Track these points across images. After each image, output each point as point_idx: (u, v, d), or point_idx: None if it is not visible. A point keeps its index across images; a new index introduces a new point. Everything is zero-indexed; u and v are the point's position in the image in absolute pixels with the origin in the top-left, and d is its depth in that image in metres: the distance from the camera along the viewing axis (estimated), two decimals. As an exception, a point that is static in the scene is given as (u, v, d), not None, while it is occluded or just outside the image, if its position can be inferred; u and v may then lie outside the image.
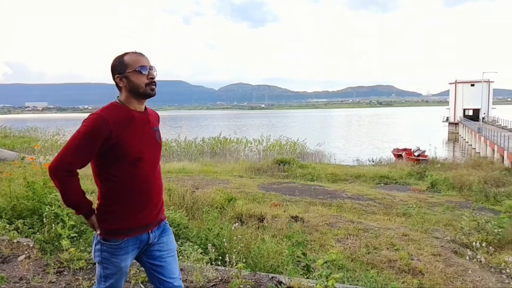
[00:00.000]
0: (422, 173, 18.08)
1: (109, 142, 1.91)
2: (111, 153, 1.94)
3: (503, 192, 13.44)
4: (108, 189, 2.00)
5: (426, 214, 9.73)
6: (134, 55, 2.03)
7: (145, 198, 2.03)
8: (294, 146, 28.23)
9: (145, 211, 2.04)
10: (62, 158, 1.90)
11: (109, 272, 2.04)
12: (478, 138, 33.60)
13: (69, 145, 1.91)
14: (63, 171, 1.89)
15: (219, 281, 2.99)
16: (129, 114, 2.00)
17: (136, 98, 2.04)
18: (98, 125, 1.89)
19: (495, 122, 47.12)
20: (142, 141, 2.01)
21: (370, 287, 3.45)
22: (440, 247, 6.74)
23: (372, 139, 47.42)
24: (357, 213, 9.81)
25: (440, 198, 12.67)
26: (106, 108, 2.00)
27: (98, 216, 2.01)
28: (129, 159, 1.96)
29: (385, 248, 6.42)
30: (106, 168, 1.98)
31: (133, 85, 2.00)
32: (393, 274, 5.28)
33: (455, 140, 47.77)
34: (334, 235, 7.05)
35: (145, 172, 2.02)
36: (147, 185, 2.03)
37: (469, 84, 55.89)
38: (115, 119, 1.93)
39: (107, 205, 2.00)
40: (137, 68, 1.99)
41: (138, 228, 2.04)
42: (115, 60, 2.05)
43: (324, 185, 14.64)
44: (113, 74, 2.04)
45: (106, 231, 2.00)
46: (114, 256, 2.01)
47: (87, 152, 1.91)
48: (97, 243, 2.04)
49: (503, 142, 23.48)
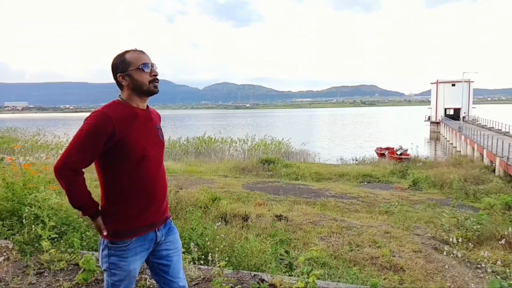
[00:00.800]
0: (404, 172, 18.36)
1: (113, 139, 1.87)
2: (115, 151, 1.90)
3: (482, 190, 13.76)
4: (113, 188, 1.96)
5: (408, 212, 9.90)
6: (136, 53, 2.01)
7: (151, 196, 2.00)
8: (279, 146, 28.32)
9: (151, 210, 2.01)
10: (67, 157, 1.87)
11: (117, 279, 1.97)
12: (458, 137, 34.29)
13: (73, 144, 1.88)
14: (68, 170, 1.86)
15: (202, 280, 2.99)
16: (132, 111, 1.98)
17: (139, 96, 2.02)
18: (100, 122, 1.86)
19: (475, 121, 48.16)
20: (146, 138, 1.99)
21: (351, 283, 3.50)
22: (421, 243, 6.88)
23: (356, 139, 47.94)
24: (340, 211, 9.92)
25: (422, 196, 12.89)
26: (108, 105, 1.97)
27: (104, 217, 1.96)
28: (134, 157, 1.93)
29: (367, 245, 6.52)
30: (111, 167, 1.94)
31: (137, 83, 1.98)
32: (375, 271, 5.37)
33: (436, 139, 48.62)
34: (317, 233, 7.12)
35: (150, 170, 1.99)
36: (153, 183, 2.00)
37: (450, 84, 56.95)
38: (118, 116, 1.90)
39: (112, 205, 1.97)
40: (140, 66, 1.98)
41: (145, 227, 2.00)
42: (116, 58, 2.02)
43: (309, 184, 14.74)
44: (115, 73, 2.01)
45: (113, 233, 1.95)
46: (123, 259, 1.96)
47: (91, 150, 1.87)
48: (104, 249, 1.99)
49: (482, 140, 24.01)
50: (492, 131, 33.40)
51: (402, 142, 31.03)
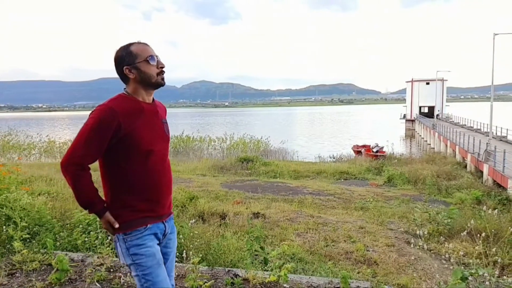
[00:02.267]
0: (379, 169, 18.74)
1: (119, 133, 1.85)
2: (121, 146, 1.88)
3: (454, 185, 14.21)
4: (118, 183, 1.93)
5: (382, 208, 10.13)
6: (141, 45, 1.98)
7: (157, 191, 1.99)
8: (258, 144, 28.43)
9: (157, 204, 2.00)
10: (72, 152, 1.84)
11: (145, 268, 1.91)
12: (432, 134, 35.20)
13: (78, 139, 1.85)
14: (74, 166, 1.83)
15: (176, 277, 3.02)
16: (138, 105, 1.95)
17: (146, 89, 1.99)
18: (106, 116, 1.83)
19: (449, 118, 49.55)
20: (151, 133, 1.97)
21: (323, 276, 3.59)
22: (394, 238, 7.07)
23: (334, 136, 48.56)
24: (317, 208, 10.07)
25: (396, 192, 13.21)
26: (113, 99, 1.93)
27: (112, 211, 1.93)
28: (140, 152, 1.91)
29: (342, 240, 6.66)
30: (116, 161, 1.91)
31: (145, 75, 1.95)
32: (349, 265, 5.49)
33: (411, 136, 49.74)
34: (294, 229, 7.22)
35: (156, 165, 1.97)
36: (158, 178, 1.99)
37: (424, 82, 58.29)
38: (124, 110, 1.87)
39: (118, 199, 1.94)
40: (147, 58, 1.95)
41: (154, 218, 1.99)
42: (121, 51, 1.96)
43: (287, 182, 14.88)
44: (120, 65, 1.95)
45: (125, 224, 1.92)
46: (142, 246, 1.92)
47: (97, 145, 1.84)
48: (121, 244, 1.94)
49: (455, 138, 24.75)
50: (464, 128, 34.43)
51: (378, 139, 31.66)
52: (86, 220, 4.43)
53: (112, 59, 1.98)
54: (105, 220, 1.92)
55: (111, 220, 1.92)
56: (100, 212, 1.92)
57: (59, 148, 26.69)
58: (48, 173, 11.81)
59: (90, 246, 3.96)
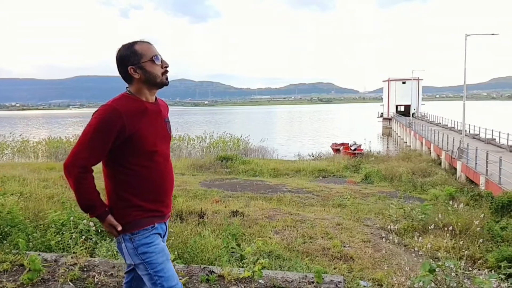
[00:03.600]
0: (357, 166, 19.05)
1: (123, 134, 1.81)
2: (126, 146, 1.85)
3: (428, 182, 14.59)
4: (123, 183, 1.90)
5: (359, 204, 10.31)
6: (145, 44, 1.94)
7: (161, 191, 1.97)
8: (238, 143, 28.42)
9: (161, 204, 1.98)
10: (76, 154, 1.80)
11: (156, 263, 1.90)
12: (408, 132, 35.98)
13: (81, 140, 1.81)
14: (78, 168, 1.79)
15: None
16: (142, 105, 1.91)
17: (150, 88, 1.95)
18: (109, 117, 1.79)
19: (424, 117, 50.69)
20: (155, 133, 1.94)
21: (298, 271, 3.64)
22: (370, 234, 7.21)
23: (313, 135, 49.05)
24: (296, 205, 10.16)
25: (373, 189, 13.46)
26: (117, 99, 1.90)
27: (116, 213, 1.89)
28: (144, 152, 1.88)
29: (320, 237, 6.75)
30: (121, 162, 1.88)
31: (150, 75, 1.91)
32: (326, 261, 5.57)
33: (388, 134, 50.71)
34: (272, 227, 7.27)
35: (160, 165, 1.95)
36: (163, 178, 1.97)
37: (400, 81, 59.44)
38: (128, 110, 1.84)
39: (124, 199, 1.90)
40: (153, 58, 1.91)
41: (158, 217, 1.97)
42: (125, 50, 1.92)
43: (266, 180, 14.95)
44: (124, 65, 1.91)
45: (132, 224, 1.89)
46: (151, 244, 1.90)
47: (101, 147, 1.81)
48: (127, 244, 1.91)
49: (430, 135, 25.36)
50: (439, 126, 35.33)
51: (356, 137, 32.15)
52: (60, 220, 4.36)
53: (115, 58, 1.94)
54: (107, 223, 1.89)
55: (113, 223, 1.88)
56: (102, 215, 1.87)
57: (33, 148, 26.04)
58: (21, 173, 11.52)
59: (64, 247, 3.90)
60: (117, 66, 1.93)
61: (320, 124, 72.87)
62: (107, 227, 1.91)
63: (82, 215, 4.29)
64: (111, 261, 3.33)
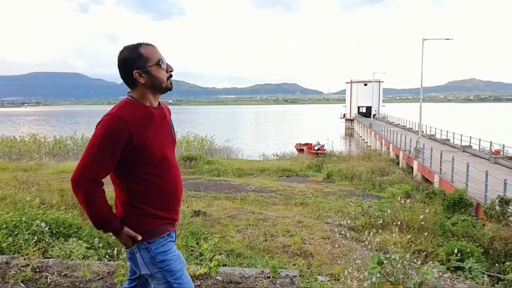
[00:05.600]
0: (320, 166, 19.48)
1: (131, 144, 1.73)
2: (134, 156, 1.77)
3: (386, 181, 15.14)
4: (135, 193, 1.82)
5: (321, 203, 10.55)
6: (150, 47, 1.85)
7: (172, 199, 1.91)
8: (202, 143, 28.26)
9: (172, 210, 1.93)
10: (84, 167, 1.70)
11: (175, 270, 1.85)
12: (369, 133, 37.12)
13: (88, 153, 1.71)
14: (86, 182, 1.69)
15: (107, 274, 2.98)
16: (148, 111, 1.83)
17: (154, 93, 1.87)
18: (116, 126, 1.71)
19: (385, 118, 52.43)
20: (163, 139, 1.88)
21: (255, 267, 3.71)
22: (330, 231, 7.40)
23: (278, 135, 49.55)
24: (259, 204, 10.26)
25: (334, 188, 13.81)
26: (121, 106, 1.80)
27: (130, 222, 1.80)
28: (154, 160, 1.81)
29: (281, 235, 6.86)
30: (131, 172, 1.80)
31: (156, 80, 1.83)
32: (286, 258, 5.68)
33: (351, 135, 52.06)
34: (235, 226, 7.31)
35: (170, 172, 1.89)
36: (173, 186, 1.91)
37: (362, 83, 61.20)
38: (133, 118, 1.75)
39: (138, 208, 1.82)
40: (159, 62, 1.84)
41: (171, 225, 1.93)
42: (129, 53, 1.82)
43: (230, 180, 14.98)
44: (129, 69, 1.81)
45: (148, 232, 1.82)
46: (168, 252, 1.85)
47: (109, 158, 1.72)
48: (143, 253, 1.83)
49: (389, 136, 26.29)
50: (398, 127, 36.67)
51: (320, 138, 32.80)
52: (13, 222, 4.20)
53: (117, 61, 1.84)
54: (125, 235, 1.79)
55: (132, 234, 1.79)
56: (117, 229, 1.78)
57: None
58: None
59: (17, 249, 3.77)
60: (120, 69, 1.84)
61: (285, 124, 73.71)
62: (125, 240, 1.81)
63: (36, 216, 4.16)
64: (65, 262, 3.26)
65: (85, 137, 26.12)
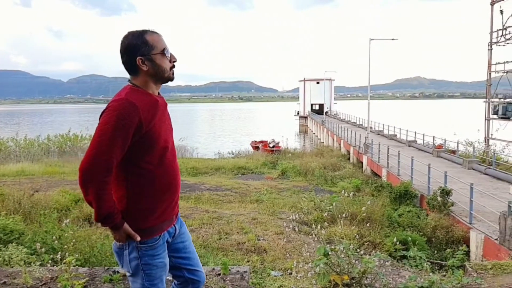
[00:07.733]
0: (275, 163, 19.74)
1: (140, 131, 1.67)
2: (141, 145, 1.70)
3: (338, 175, 15.63)
4: (135, 185, 1.74)
5: (275, 199, 10.70)
6: (156, 35, 1.79)
7: (172, 189, 1.85)
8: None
9: (172, 203, 1.87)
10: (96, 156, 1.59)
11: (154, 277, 1.79)
12: (322, 129, 38.07)
13: (99, 141, 1.60)
14: (101, 172, 1.59)
15: (50, 280, 2.86)
16: (153, 99, 1.78)
17: (156, 82, 1.82)
18: (127, 112, 1.63)
19: (336, 115, 54.00)
20: (165, 129, 1.83)
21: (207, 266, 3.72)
22: (284, 226, 7.54)
23: (233, 133, 49.58)
24: (214, 203, 10.23)
25: (289, 184, 14.05)
26: (128, 92, 1.72)
27: (127, 218, 1.71)
28: (157, 150, 1.75)
29: (235, 232, 6.90)
30: (135, 161, 1.72)
31: (159, 69, 1.78)
32: (240, 255, 5.72)
33: (305, 132, 53.16)
34: (188, 225, 7.24)
35: (170, 161, 1.83)
36: (173, 175, 1.85)
37: (315, 81, 62.58)
38: (143, 105, 1.69)
39: (135, 202, 1.74)
40: (164, 51, 1.78)
41: (169, 221, 1.86)
42: (134, 38, 1.75)
43: (185, 179, 14.78)
44: (133, 55, 1.74)
45: (140, 232, 1.74)
46: (156, 257, 1.79)
47: (121, 145, 1.62)
48: (131, 251, 1.75)
49: (340, 132, 27.12)
50: (349, 124, 37.89)
51: (275, 135, 33.24)
52: None
53: (120, 46, 1.77)
54: (123, 232, 1.71)
55: (131, 233, 1.72)
56: (118, 224, 1.69)
57: None
58: None
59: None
60: (122, 54, 1.78)
61: (241, 122, 73.89)
62: (122, 237, 1.73)
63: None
64: (4, 269, 3.08)
65: (28, 138, 24.64)
